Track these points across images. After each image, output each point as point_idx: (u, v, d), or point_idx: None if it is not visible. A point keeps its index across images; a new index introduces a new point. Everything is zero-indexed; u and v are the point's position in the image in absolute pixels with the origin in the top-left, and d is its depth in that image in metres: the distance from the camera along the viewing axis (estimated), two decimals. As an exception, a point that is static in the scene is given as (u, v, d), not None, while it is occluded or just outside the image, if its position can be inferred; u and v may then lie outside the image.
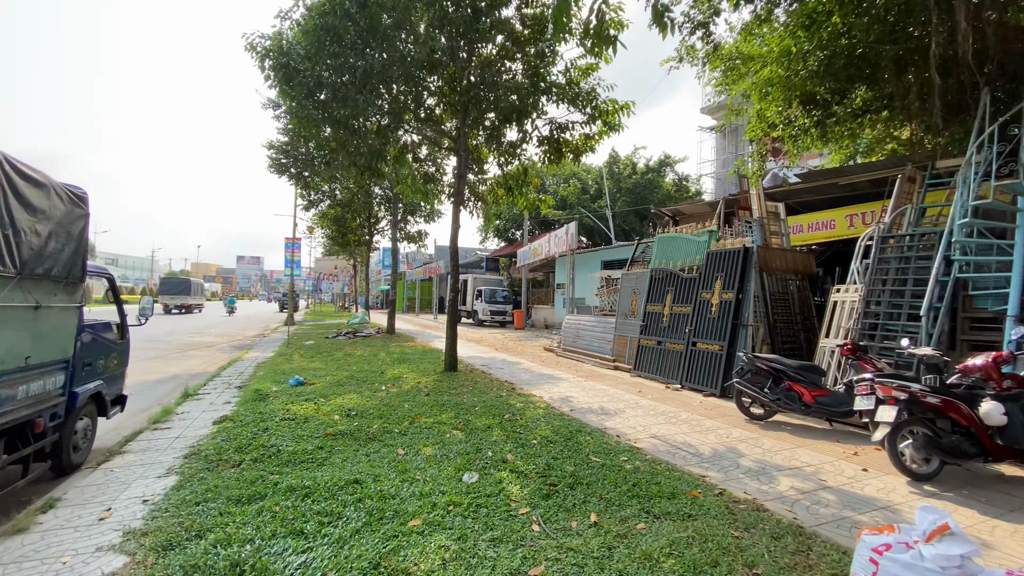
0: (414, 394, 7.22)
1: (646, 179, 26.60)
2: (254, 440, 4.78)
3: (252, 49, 7.85)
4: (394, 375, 8.78)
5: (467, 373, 9.22)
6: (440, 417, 5.87)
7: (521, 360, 11.82)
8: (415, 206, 23.63)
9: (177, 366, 11.04)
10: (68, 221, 3.91)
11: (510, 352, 13.58)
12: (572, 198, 27.04)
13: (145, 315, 5.93)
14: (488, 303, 24.04)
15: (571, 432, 5.41)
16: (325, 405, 6.36)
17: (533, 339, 17.89)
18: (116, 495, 3.67)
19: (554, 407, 6.73)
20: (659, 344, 9.51)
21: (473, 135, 10.13)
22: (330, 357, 11.20)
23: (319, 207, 23.44)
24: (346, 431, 5.20)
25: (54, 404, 3.96)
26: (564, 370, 10.38)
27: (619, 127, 9.10)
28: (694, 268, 9.29)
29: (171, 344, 15.45)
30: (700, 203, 16.19)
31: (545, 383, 8.68)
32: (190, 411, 6.24)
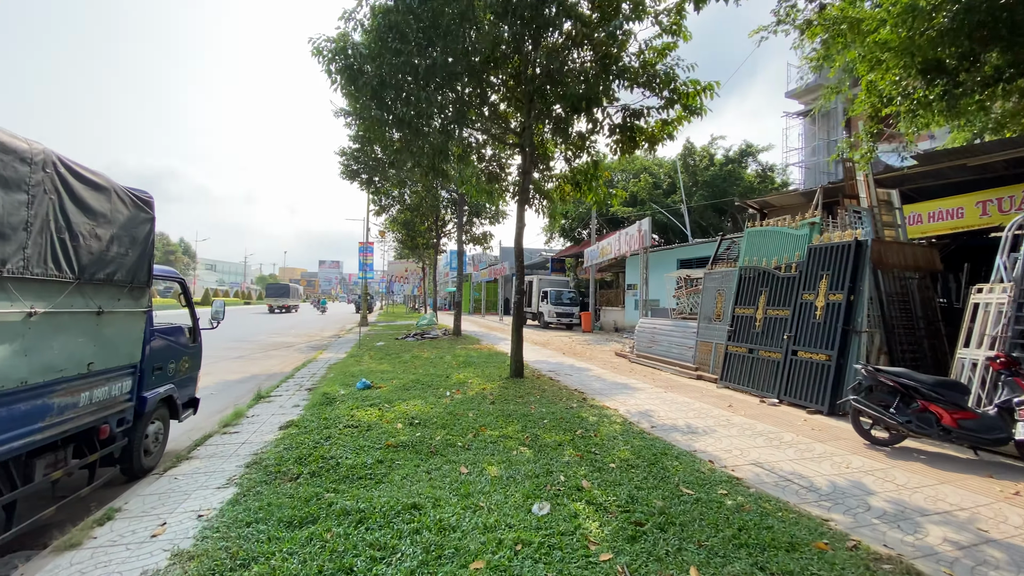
0: (479, 402, 6.82)
1: (725, 171, 24.70)
2: (315, 450, 4.56)
3: (319, 53, 7.86)
4: (459, 380, 8.47)
5: (534, 380, 8.71)
6: (506, 430, 5.39)
7: (591, 366, 11.13)
8: (480, 208, 23.60)
9: (257, 366, 11.51)
10: (132, 225, 3.86)
11: (578, 357, 12.90)
12: (643, 194, 25.73)
13: (217, 319, 5.99)
14: (554, 304, 23.44)
15: (655, 455, 4.72)
16: (389, 412, 6.11)
17: (602, 343, 17.05)
18: (174, 507, 3.53)
19: (632, 422, 6.03)
20: (751, 352, 8.45)
21: (538, 130, 9.62)
22: (398, 359, 11.17)
23: (389, 212, 24.06)
24: (408, 442, 4.86)
25: (121, 410, 3.93)
26: (639, 378, 9.56)
27: (701, 111, 8.19)
28: (792, 266, 8.15)
29: (254, 344, 16.36)
30: (792, 194, 14.56)
31: (619, 393, 7.96)
32: (260, 414, 6.24)
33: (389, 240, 29.40)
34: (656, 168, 27.73)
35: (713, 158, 25.81)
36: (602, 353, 13.91)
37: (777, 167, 26.61)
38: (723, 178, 24.20)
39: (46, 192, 2.92)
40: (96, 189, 3.41)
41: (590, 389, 8.19)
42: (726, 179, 24.25)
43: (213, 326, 5.98)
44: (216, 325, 6.02)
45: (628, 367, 11.18)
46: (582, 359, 12.42)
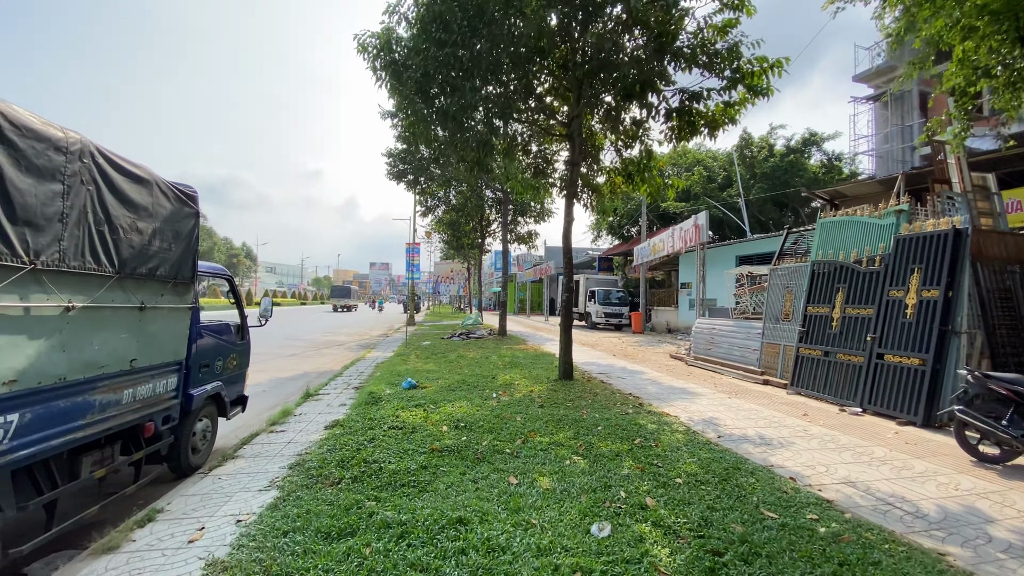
0: (527, 405, 6.47)
1: (787, 161, 23.10)
2: (358, 453, 4.36)
3: (364, 50, 7.78)
4: (505, 381, 8.16)
5: (584, 382, 8.26)
6: (557, 436, 5.01)
7: (644, 369, 10.53)
8: (525, 206, 23.27)
9: (309, 364, 11.70)
10: (176, 219, 3.79)
11: (630, 359, 12.30)
12: (697, 188, 24.53)
13: (266, 316, 5.97)
14: (602, 304, 22.75)
15: (727, 469, 4.19)
16: (434, 413, 5.88)
17: (654, 344, 16.28)
18: (215, 510, 3.40)
19: (696, 431, 5.48)
20: (826, 355, 7.63)
21: (587, 120, 9.17)
22: (443, 359, 11.01)
23: (435, 213, 24.19)
24: (453, 447, 4.58)
25: (166, 407, 3.87)
26: (699, 383, 8.90)
27: (767, 91, 7.50)
28: (876, 259, 7.29)
29: (307, 342, 16.78)
30: (867, 182, 13.29)
31: (679, 399, 7.38)
32: (307, 413, 6.18)
33: (435, 241, 29.63)
34: (710, 161, 26.41)
35: (773, 148, 24.23)
36: (655, 355, 13.22)
37: (845, 156, 24.67)
38: (784, 169, 22.64)
39: (83, 183, 2.83)
40: (137, 182, 3.33)
41: (646, 394, 7.65)
42: (787, 170, 22.68)
43: (261, 323, 5.95)
44: (264, 323, 5.99)
45: (685, 370, 10.49)
46: (634, 361, 11.81)
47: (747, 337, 9.96)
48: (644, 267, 21.25)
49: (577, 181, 8.53)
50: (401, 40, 7.56)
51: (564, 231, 8.39)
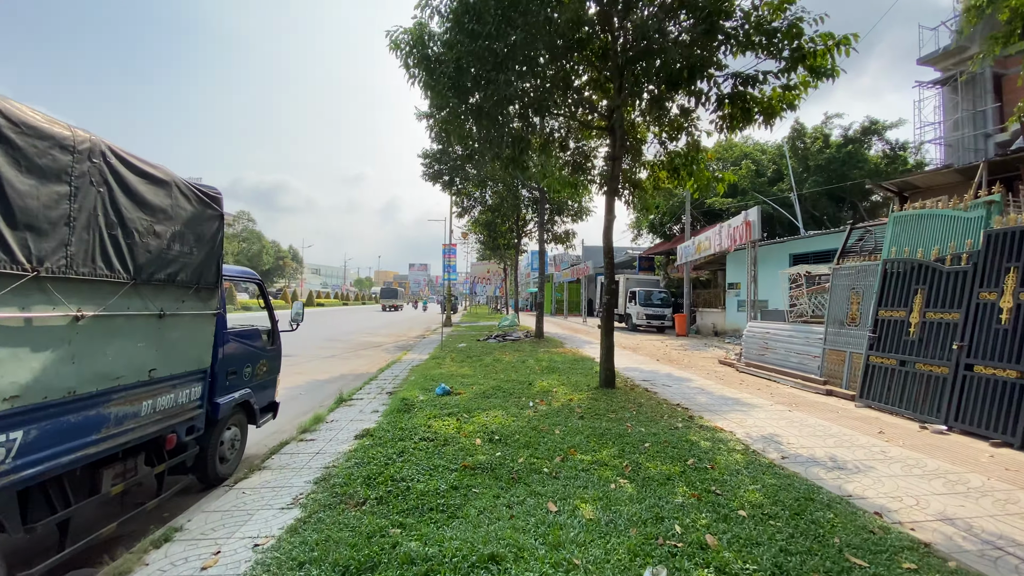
0: (566, 415, 6.06)
1: (844, 152, 21.53)
2: (386, 468, 4.10)
3: (396, 47, 7.59)
4: (543, 388, 7.77)
5: (627, 391, 7.76)
6: (600, 454, 4.59)
7: (691, 376, 9.88)
8: (562, 205, 22.77)
9: (346, 366, 11.70)
10: (198, 222, 3.63)
11: (675, 364, 11.64)
12: (744, 183, 23.28)
13: (297, 321, 5.84)
14: (643, 306, 21.95)
15: (798, 500, 3.66)
16: (468, 423, 5.57)
17: (700, 348, 15.46)
18: (234, 530, 3.20)
19: (757, 451, 4.93)
20: (903, 365, 6.83)
21: (628, 112, 8.66)
22: (479, 362, 10.74)
23: (471, 213, 24.06)
24: (487, 464, 4.24)
25: (190, 417, 3.72)
26: (753, 392, 8.22)
27: (832, 72, 6.79)
28: (962, 256, 6.44)
29: (347, 343, 16.95)
30: (941, 172, 12.07)
31: (732, 410, 6.78)
32: (338, 420, 6.01)
33: (471, 242, 29.58)
34: (758, 155, 25.04)
35: (828, 139, 22.65)
36: (702, 360, 12.48)
37: (910, 145, 22.79)
38: (841, 161, 21.10)
39: (93, 184, 2.66)
40: (154, 183, 3.16)
41: (695, 404, 7.08)
42: (845, 162, 21.12)
43: (293, 328, 5.83)
44: (296, 327, 5.87)
45: (736, 378, 9.78)
46: (680, 367, 11.16)
47: (806, 342, 9.15)
48: (688, 266, 20.34)
49: (618, 176, 8.04)
50: (434, 35, 7.32)
51: (604, 229, 7.93)
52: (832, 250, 15.12)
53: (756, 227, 11.84)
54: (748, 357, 10.79)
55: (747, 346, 10.94)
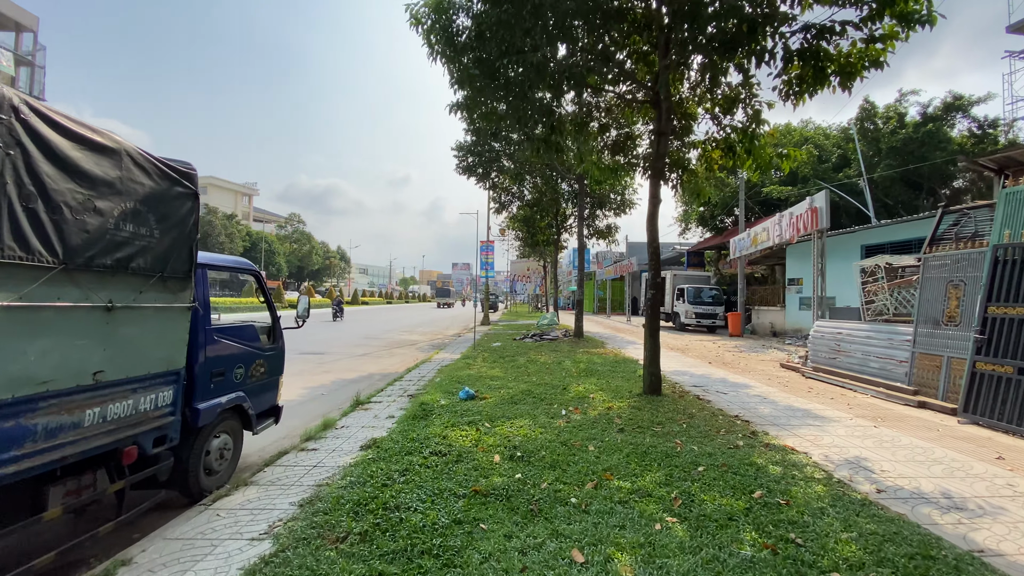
0: (603, 427, 5.25)
1: (923, 132, 19.24)
2: (382, 492, 3.47)
3: (417, 23, 7.00)
4: (578, 394, 6.97)
5: (675, 399, 6.83)
6: (642, 480, 3.76)
7: (749, 382, 8.77)
8: (603, 198, 21.73)
9: (376, 364, 11.32)
10: (161, 201, 3.12)
11: (730, 368, 10.49)
12: (805, 169, 21.35)
13: (303, 318, 5.35)
14: (692, 304, 20.55)
15: (912, 558, 2.72)
16: (488, 435, 4.88)
17: (758, 350, 14.10)
18: (188, 566, 2.64)
19: (843, 480, 3.94)
20: (1022, 373, 5.55)
21: (676, 85, 7.70)
22: (511, 363, 10.05)
23: (509, 209, 23.42)
24: (502, 489, 3.53)
25: (157, 426, 3.21)
26: (825, 402, 7.07)
27: (927, 18, 5.62)
28: (1110, 238, 5.11)
29: (382, 341, 16.72)
30: (1053, 145, 10.24)
31: (803, 425, 5.73)
32: (349, 425, 5.47)
33: (510, 239, 28.91)
34: (820, 139, 22.94)
35: (903, 118, 20.35)
36: (760, 364, 11.23)
37: (1001, 122, 20.11)
38: (919, 142, 18.85)
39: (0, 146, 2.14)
40: (95, 150, 2.65)
41: (757, 416, 6.07)
42: (923, 143, 18.85)
43: (299, 325, 5.35)
44: (301, 324, 5.38)
45: (802, 384, 8.58)
46: (735, 371, 10.02)
47: (890, 344, 7.86)
48: (743, 261, 18.82)
49: (664, 155, 7.10)
50: (454, 3, 6.67)
51: (648, 216, 7.02)
52: (912, 240, 13.39)
53: (824, 214, 10.48)
54: (816, 361, 9.51)
55: (814, 348, 9.66)
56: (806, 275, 16.78)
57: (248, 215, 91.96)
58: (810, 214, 11.05)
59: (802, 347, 13.94)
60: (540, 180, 21.55)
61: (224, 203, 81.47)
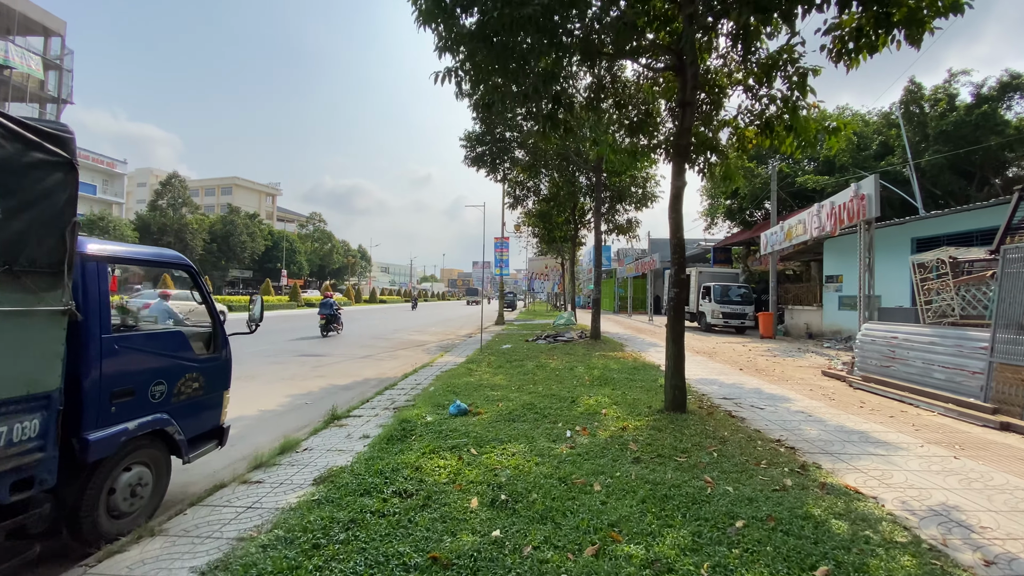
0: (615, 455, 4.31)
1: (977, 115, 17.49)
2: (308, 559, 2.61)
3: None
4: (589, 408, 6.03)
5: (703, 416, 5.81)
6: (661, 544, 2.81)
7: (789, 393, 7.66)
8: (623, 191, 20.60)
9: (376, 368, 10.57)
10: (14, 169, 2.32)
11: (764, 376, 9.36)
12: (843, 158, 19.78)
13: (256, 322, 4.56)
14: (719, 303, 19.27)
15: None
16: (472, 466, 4.00)
17: (793, 354, 12.85)
18: None
19: (933, 544, 2.91)
20: None
21: (702, 56, 6.65)
22: (519, 368, 9.14)
23: (524, 204, 22.49)
24: (470, 556, 2.64)
25: (14, 467, 2.44)
26: (884, 421, 5.96)
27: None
28: None
29: (390, 342, 16.02)
30: None
31: (863, 453, 4.67)
32: (313, 448, 4.67)
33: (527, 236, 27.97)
34: (860, 126, 21.29)
35: (954, 100, 18.62)
36: (799, 370, 10.05)
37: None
38: (973, 125, 17.14)
39: None
40: None
41: (803, 440, 5.03)
42: (978, 126, 17.14)
43: (252, 329, 4.56)
44: (255, 328, 4.59)
45: (851, 397, 7.44)
46: (771, 379, 8.89)
47: (959, 352, 6.66)
48: (775, 257, 17.47)
49: (689, 129, 6.08)
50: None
51: (671, 201, 6.02)
52: (973, 231, 11.96)
53: (873, 202, 9.23)
54: (865, 369, 8.33)
55: (863, 354, 8.47)
56: (846, 271, 15.38)
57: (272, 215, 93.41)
58: (856, 203, 9.80)
59: (845, 351, 12.64)
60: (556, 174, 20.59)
61: (248, 203, 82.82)
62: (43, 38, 42.31)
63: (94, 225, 42.85)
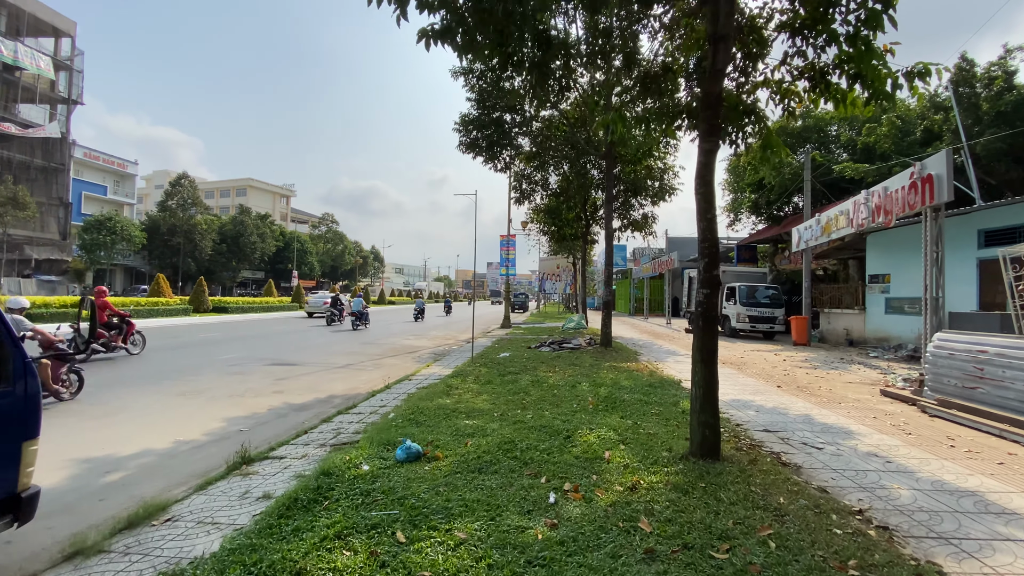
0: (615, 544, 2.80)
1: (1045, 91, 15.49)
2: None
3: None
4: (588, 447, 4.52)
5: (744, 466, 4.23)
6: None
7: (848, 423, 6.04)
8: (639, 183, 18.98)
9: (348, 382, 9.17)
10: None
11: (809, 395, 7.71)
12: (885, 145, 17.82)
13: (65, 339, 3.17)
14: (745, 305, 17.48)
15: None
16: (389, 571, 2.54)
17: (836, 365, 11.09)
18: None
19: None
20: None
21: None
22: (510, 385, 7.65)
23: (532, 199, 20.97)
24: None
25: None
26: (993, 471, 4.32)
27: None
28: None
29: (380, 348, 14.67)
30: None
31: (992, 537, 3.07)
32: (183, 517, 3.27)
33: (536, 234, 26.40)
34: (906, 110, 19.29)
35: (1011, 79, 16.56)
36: (849, 388, 8.35)
37: None
38: (1038, 104, 15.13)
39: None
40: None
41: (895, 509, 3.44)
42: (1044, 105, 15.12)
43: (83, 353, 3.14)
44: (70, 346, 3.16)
45: (931, 429, 5.78)
46: (819, 400, 7.25)
47: (1088, 376, 4.98)
48: (808, 254, 15.68)
49: (723, 71, 4.53)
50: None
51: (699, 169, 4.48)
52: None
53: (943, 184, 7.52)
54: (941, 390, 6.64)
55: (936, 371, 6.78)
56: (894, 270, 13.53)
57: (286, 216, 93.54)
58: (920, 187, 8.09)
59: (899, 363, 10.86)
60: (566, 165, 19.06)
61: (263, 204, 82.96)
62: (53, 39, 42.32)
63: (102, 226, 42.65)
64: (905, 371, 9.71)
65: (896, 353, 12.17)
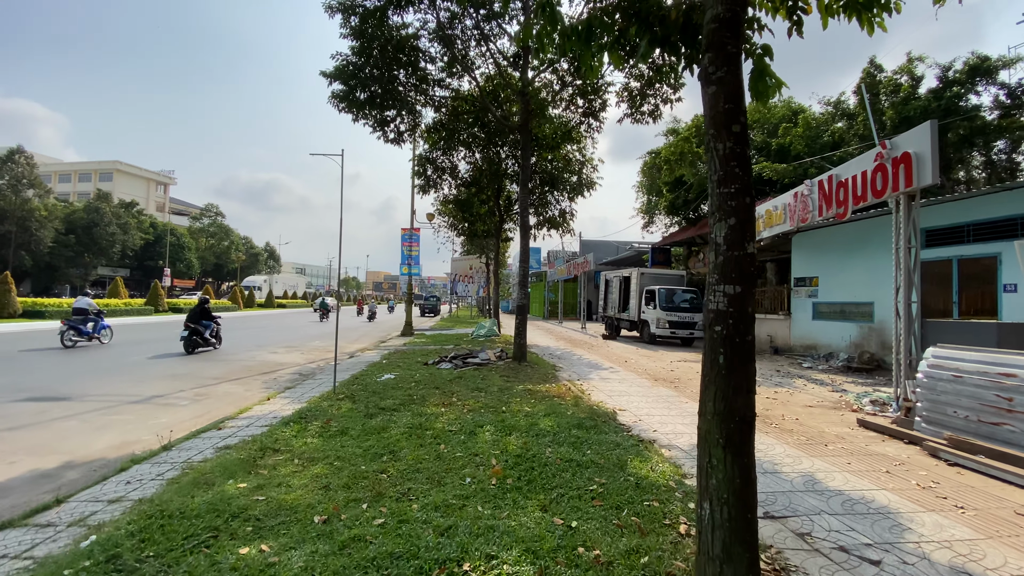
0: None
1: (947, 98, 15.93)
2: None
3: None
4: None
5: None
6: None
7: (854, 480, 4.19)
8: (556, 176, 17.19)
9: (132, 429, 5.96)
10: None
11: (781, 432, 5.93)
12: (798, 146, 17.66)
13: None
14: (665, 310, 16.27)
15: None
16: None
17: (778, 380, 9.76)
18: None
19: None
20: None
21: None
22: (373, 439, 4.98)
23: (439, 188, 18.33)
24: None
25: None
26: None
27: None
28: None
29: (229, 365, 11.12)
30: None
31: None
32: None
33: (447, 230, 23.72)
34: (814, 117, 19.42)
35: (917, 86, 17.04)
36: (811, 414, 6.75)
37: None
38: (941, 111, 15.52)
39: None
40: None
41: None
42: (946, 113, 15.54)
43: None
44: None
45: (969, 490, 4.09)
46: (795, 439, 5.45)
47: None
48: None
49: None
50: None
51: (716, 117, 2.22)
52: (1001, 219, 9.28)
53: (927, 164, 6.20)
54: (945, 423, 5.10)
55: (936, 397, 5.25)
56: (823, 272, 12.79)
57: (164, 206, 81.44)
58: (890, 169, 6.75)
59: (841, 376, 9.69)
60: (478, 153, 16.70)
61: (134, 192, 71.34)
62: None
63: None
64: (855, 387, 8.52)
65: (829, 363, 11.27)
